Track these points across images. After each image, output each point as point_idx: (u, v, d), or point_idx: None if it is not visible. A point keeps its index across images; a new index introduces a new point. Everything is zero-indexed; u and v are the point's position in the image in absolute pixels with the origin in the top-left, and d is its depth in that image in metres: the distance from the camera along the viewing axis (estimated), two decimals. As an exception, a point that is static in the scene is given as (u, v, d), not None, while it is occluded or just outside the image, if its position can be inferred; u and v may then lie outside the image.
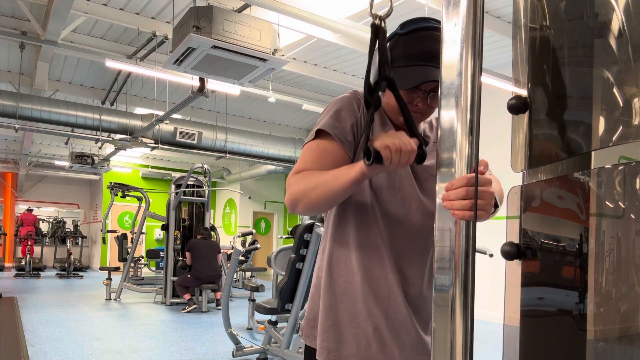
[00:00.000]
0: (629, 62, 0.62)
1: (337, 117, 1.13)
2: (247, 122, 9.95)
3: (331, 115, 1.13)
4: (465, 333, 0.72)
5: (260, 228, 14.27)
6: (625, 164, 0.65)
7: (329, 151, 1.11)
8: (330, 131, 1.11)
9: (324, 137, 1.12)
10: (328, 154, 1.11)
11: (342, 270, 1.16)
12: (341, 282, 1.16)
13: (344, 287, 1.15)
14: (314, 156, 1.12)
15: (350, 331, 1.14)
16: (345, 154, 1.12)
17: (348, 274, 1.15)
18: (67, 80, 7.99)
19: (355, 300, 1.14)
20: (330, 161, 1.10)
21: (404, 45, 1.10)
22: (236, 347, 4.15)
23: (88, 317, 6.38)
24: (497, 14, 5.40)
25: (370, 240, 1.15)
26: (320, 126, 1.12)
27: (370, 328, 1.13)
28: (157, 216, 8.39)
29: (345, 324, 1.15)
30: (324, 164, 1.09)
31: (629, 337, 0.63)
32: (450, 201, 0.75)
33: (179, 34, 3.97)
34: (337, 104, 1.16)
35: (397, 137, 0.93)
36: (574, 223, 0.72)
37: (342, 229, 1.18)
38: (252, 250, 6.95)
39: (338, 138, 1.11)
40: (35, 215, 14.69)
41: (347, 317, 1.15)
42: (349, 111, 1.14)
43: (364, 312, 1.13)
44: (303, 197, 1.06)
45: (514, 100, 0.80)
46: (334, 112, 1.14)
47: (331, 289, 1.17)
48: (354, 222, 1.16)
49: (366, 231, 1.15)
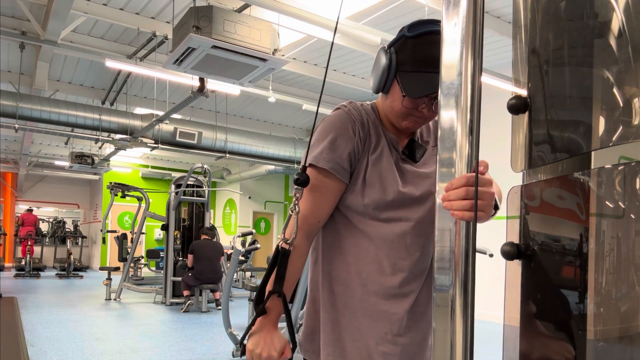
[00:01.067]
0: (629, 62, 0.62)
1: (332, 147, 1.10)
2: (247, 122, 9.96)
3: (326, 146, 1.11)
4: (465, 333, 0.72)
5: (260, 228, 14.27)
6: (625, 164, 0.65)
7: (325, 186, 1.11)
8: (325, 167, 1.10)
9: (320, 170, 1.11)
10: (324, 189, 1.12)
11: (341, 284, 1.16)
12: (342, 296, 1.16)
13: (344, 302, 1.15)
14: (313, 199, 1.12)
15: (353, 345, 1.14)
16: (341, 184, 1.13)
17: (347, 288, 1.15)
18: (67, 80, 7.99)
19: (355, 314, 1.14)
20: (327, 195, 1.12)
21: (412, 49, 1.08)
22: (236, 347, 4.15)
23: (88, 317, 6.37)
24: (497, 14, 5.40)
25: (368, 253, 1.14)
26: (315, 160, 1.10)
27: (372, 342, 1.13)
28: (157, 216, 8.39)
29: (348, 338, 1.15)
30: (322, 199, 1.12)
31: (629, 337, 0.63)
32: (450, 201, 0.75)
33: (179, 34, 3.97)
34: (331, 130, 1.12)
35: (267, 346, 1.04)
36: (574, 223, 0.72)
37: (337, 243, 1.17)
38: (252, 250, 6.94)
39: (335, 171, 1.10)
40: (36, 216, 14.69)
41: (349, 331, 1.15)
42: (344, 138, 1.11)
43: (365, 326, 1.14)
44: None
45: (514, 100, 0.80)
46: (328, 142, 1.11)
47: (332, 304, 1.17)
48: (349, 236, 1.16)
49: (363, 245, 1.14)
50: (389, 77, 1.10)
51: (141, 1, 5.46)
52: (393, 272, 1.13)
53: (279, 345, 1.05)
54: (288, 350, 1.07)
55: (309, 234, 1.13)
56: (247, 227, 13.69)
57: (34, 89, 7.42)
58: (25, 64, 7.18)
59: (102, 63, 6.44)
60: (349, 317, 1.15)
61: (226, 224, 14.59)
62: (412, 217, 1.14)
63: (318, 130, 1.15)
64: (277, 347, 1.05)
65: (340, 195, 1.14)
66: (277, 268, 1.04)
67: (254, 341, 1.05)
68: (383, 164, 1.14)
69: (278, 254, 1.04)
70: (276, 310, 1.07)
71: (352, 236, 1.15)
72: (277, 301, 1.05)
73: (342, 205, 1.15)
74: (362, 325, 1.14)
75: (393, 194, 1.13)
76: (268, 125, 10.31)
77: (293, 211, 1.03)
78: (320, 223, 1.15)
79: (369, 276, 1.13)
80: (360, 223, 1.14)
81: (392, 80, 1.11)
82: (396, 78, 1.10)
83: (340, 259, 1.17)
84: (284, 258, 1.04)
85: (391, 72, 1.09)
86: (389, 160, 1.15)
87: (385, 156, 1.15)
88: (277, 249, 1.04)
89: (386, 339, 1.13)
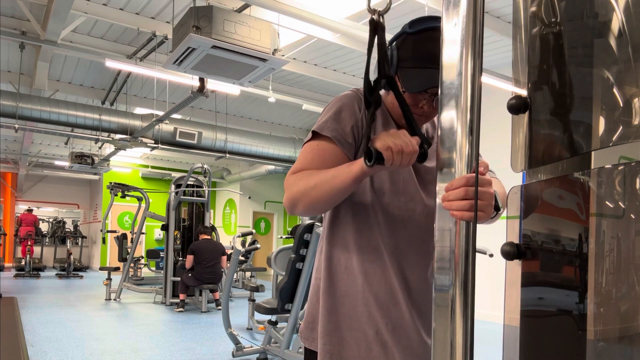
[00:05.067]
0: (629, 62, 0.62)
1: (336, 119, 1.11)
2: (247, 122, 9.95)
3: (331, 116, 1.12)
4: (465, 333, 0.72)
5: (260, 228, 14.27)
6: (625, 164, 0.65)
7: (328, 152, 1.10)
8: (329, 134, 1.09)
9: (323, 138, 1.11)
10: (327, 155, 1.10)
11: (342, 273, 1.16)
12: (342, 285, 1.15)
13: (345, 291, 1.15)
14: (313, 155, 1.11)
15: (351, 334, 1.14)
16: (345, 156, 1.11)
17: (349, 277, 1.15)
18: (67, 80, 7.99)
19: (356, 303, 1.14)
20: (329, 162, 1.09)
21: (413, 45, 1.08)
22: (236, 347, 4.15)
23: (88, 317, 6.37)
24: (497, 14, 5.40)
25: (371, 243, 1.14)
26: (319, 128, 1.11)
27: (371, 331, 1.12)
28: (157, 216, 8.38)
29: (347, 327, 1.14)
30: (323, 164, 1.09)
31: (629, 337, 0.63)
32: (450, 202, 0.75)
33: (179, 34, 3.97)
34: (337, 103, 1.14)
35: (399, 136, 0.92)
36: (574, 223, 0.72)
37: (341, 231, 1.17)
38: (252, 250, 6.95)
39: (338, 140, 1.10)
40: (35, 215, 14.68)
41: (348, 320, 1.14)
42: (349, 112, 1.12)
43: (365, 316, 1.13)
44: (303, 197, 1.06)
45: (514, 100, 0.80)
46: (333, 113, 1.12)
47: (332, 292, 1.16)
48: (355, 224, 1.15)
49: (367, 233, 1.14)
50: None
51: (141, 1, 5.46)
52: (396, 262, 1.13)
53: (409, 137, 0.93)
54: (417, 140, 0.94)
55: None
56: (247, 227, 13.69)
57: (34, 89, 7.41)
58: (25, 64, 7.18)
59: (102, 63, 6.44)
60: (348, 306, 1.15)
61: (226, 224, 14.59)
62: (416, 207, 1.14)
63: (326, 107, 1.17)
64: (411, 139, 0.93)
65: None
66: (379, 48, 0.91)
67: (382, 139, 0.92)
68: None
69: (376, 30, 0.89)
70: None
71: (354, 225, 1.15)
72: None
73: None
74: (362, 315, 1.13)
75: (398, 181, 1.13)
76: (268, 125, 10.31)
77: None
78: None
79: (370, 265, 1.13)
80: (363, 211, 1.14)
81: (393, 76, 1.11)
82: (397, 74, 1.10)
83: (343, 248, 1.16)
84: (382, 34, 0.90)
85: (392, 69, 1.09)
86: None
87: None
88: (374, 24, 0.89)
89: (386, 329, 1.13)
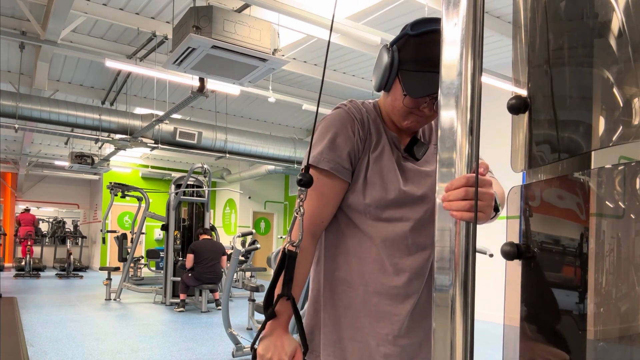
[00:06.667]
0: (629, 62, 0.62)
1: (332, 147, 1.10)
2: (247, 122, 9.95)
3: (326, 145, 1.10)
4: (465, 333, 0.72)
5: (260, 228, 14.27)
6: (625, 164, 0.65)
7: (327, 187, 1.11)
8: (326, 167, 1.09)
9: (320, 171, 1.10)
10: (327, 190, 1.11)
11: (343, 284, 1.16)
12: (344, 296, 1.15)
13: (347, 302, 1.15)
14: (315, 198, 1.11)
15: (353, 345, 1.14)
16: (343, 184, 1.12)
17: (349, 288, 1.15)
18: (67, 80, 7.99)
19: (357, 314, 1.14)
20: (330, 196, 1.12)
21: (415, 48, 1.07)
22: (236, 347, 4.15)
23: (88, 317, 6.37)
24: (497, 14, 5.40)
25: (371, 254, 1.14)
26: (316, 161, 1.10)
27: (373, 342, 1.13)
28: (157, 216, 8.38)
29: (349, 337, 1.14)
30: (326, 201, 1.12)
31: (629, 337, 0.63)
32: (450, 202, 0.75)
33: (178, 34, 3.97)
34: (331, 128, 1.12)
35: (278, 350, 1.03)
36: (574, 223, 0.72)
37: (339, 242, 1.17)
38: (252, 250, 6.94)
39: (336, 170, 1.10)
40: (34, 215, 14.66)
41: (350, 331, 1.14)
42: (344, 137, 1.11)
43: (367, 327, 1.13)
44: None
45: (514, 100, 0.80)
46: (328, 141, 1.11)
47: (334, 304, 1.16)
48: (351, 236, 1.15)
49: (365, 244, 1.14)
50: (391, 76, 1.09)
51: (141, 1, 5.46)
52: (395, 272, 1.13)
53: (290, 349, 1.04)
54: (299, 354, 1.06)
55: (314, 235, 1.12)
56: (247, 227, 13.69)
57: (33, 89, 7.41)
58: (25, 64, 7.18)
59: (102, 63, 6.44)
60: (350, 317, 1.14)
61: (226, 224, 14.59)
62: (414, 217, 1.14)
63: (318, 130, 1.15)
64: (288, 351, 1.03)
65: (343, 195, 1.14)
66: (285, 271, 1.02)
67: (265, 345, 1.04)
68: (384, 162, 1.14)
69: (285, 256, 1.02)
70: (286, 313, 1.06)
71: (354, 236, 1.15)
72: (286, 304, 1.04)
73: (344, 205, 1.15)
74: (364, 326, 1.13)
75: (394, 192, 1.12)
76: (268, 125, 10.31)
77: (298, 213, 1.02)
78: (325, 223, 1.14)
79: (371, 276, 1.13)
80: (361, 223, 1.14)
81: (394, 78, 1.10)
82: (398, 76, 1.09)
83: (342, 259, 1.16)
84: (291, 261, 1.02)
85: (393, 71, 1.09)
86: (390, 158, 1.15)
87: (386, 154, 1.15)
88: (284, 252, 1.02)
89: (387, 339, 1.12)
